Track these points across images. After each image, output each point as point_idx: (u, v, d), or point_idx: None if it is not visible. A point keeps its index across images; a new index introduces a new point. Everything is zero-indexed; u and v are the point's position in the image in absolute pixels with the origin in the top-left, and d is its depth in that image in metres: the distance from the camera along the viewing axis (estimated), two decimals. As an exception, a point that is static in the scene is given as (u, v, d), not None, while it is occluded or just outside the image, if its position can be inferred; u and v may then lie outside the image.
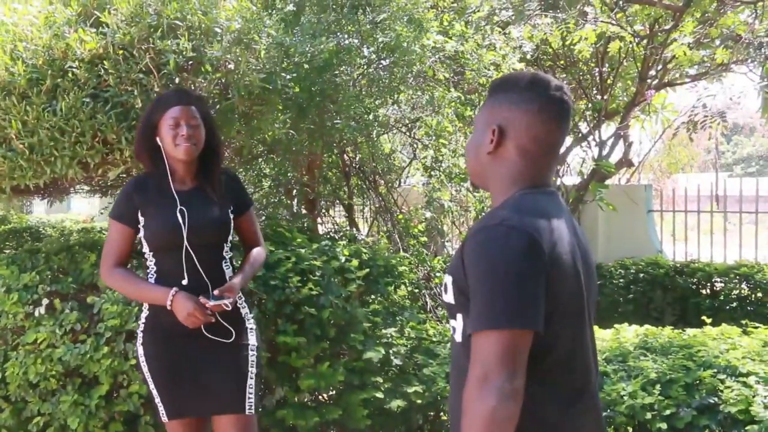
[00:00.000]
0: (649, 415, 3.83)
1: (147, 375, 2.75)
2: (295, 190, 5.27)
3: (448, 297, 1.62)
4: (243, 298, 2.82)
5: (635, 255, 7.26)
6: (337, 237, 4.80)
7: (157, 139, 2.72)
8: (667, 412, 3.84)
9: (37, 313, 3.44)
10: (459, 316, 1.61)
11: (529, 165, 1.64)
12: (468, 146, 1.76)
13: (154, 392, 2.75)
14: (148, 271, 2.77)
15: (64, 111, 3.12)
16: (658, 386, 3.91)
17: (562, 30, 5.22)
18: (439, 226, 5.16)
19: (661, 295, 6.97)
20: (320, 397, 3.92)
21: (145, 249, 2.76)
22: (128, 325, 3.43)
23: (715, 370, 4.01)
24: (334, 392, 3.86)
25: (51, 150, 3.14)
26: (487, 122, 1.67)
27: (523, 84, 1.65)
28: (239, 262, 2.96)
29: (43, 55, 3.16)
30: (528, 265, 1.48)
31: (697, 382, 3.96)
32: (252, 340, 2.81)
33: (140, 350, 2.77)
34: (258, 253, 2.95)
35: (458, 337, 1.63)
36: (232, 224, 2.82)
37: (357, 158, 5.32)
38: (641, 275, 7.00)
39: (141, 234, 2.74)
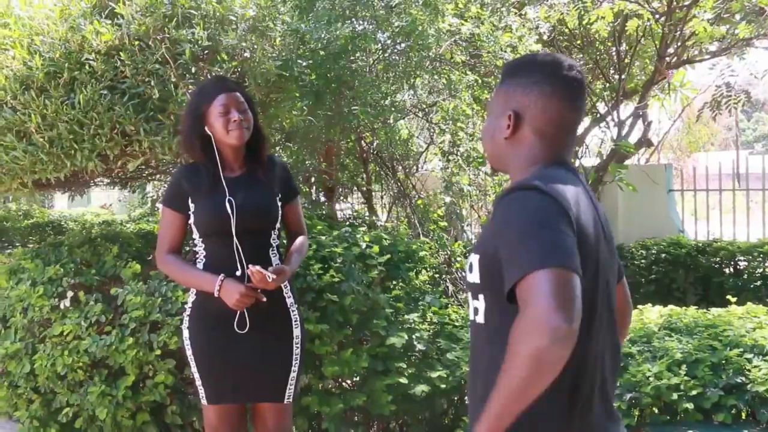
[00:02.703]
0: (675, 396, 3.80)
1: (191, 358, 2.79)
2: (313, 178, 5.26)
3: (473, 276, 1.59)
4: (289, 287, 2.82)
5: (656, 235, 7.20)
6: (356, 223, 4.79)
7: (206, 128, 2.73)
8: (694, 392, 3.81)
9: (62, 306, 3.47)
10: (482, 297, 1.58)
11: (547, 146, 1.64)
12: (484, 132, 1.76)
13: (196, 375, 2.79)
14: (197, 257, 2.79)
15: (83, 104, 3.12)
16: (684, 366, 3.88)
17: (579, 9, 5.15)
18: (458, 211, 5.13)
19: (684, 275, 6.92)
20: (344, 383, 3.92)
21: (195, 235, 2.79)
22: (152, 316, 3.45)
23: (742, 350, 3.97)
24: (357, 378, 3.86)
25: (70, 143, 3.16)
26: (502, 108, 1.67)
27: (535, 67, 1.65)
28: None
29: (59, 48, 3.17)
30: (558, 218, 1.46)
31: (724, 361, 3.92)
32: (297, 331, 2.82)
33: (185, 333, 2.80)
34: (303, 242, 2.96)
35: (480, 318, 1.60)
36: (280, 212, 2.83)
37: (374, 144, 5.30)
38: (663, 255, 6.95)
39: (191, 220, 2.76)
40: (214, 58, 3.33)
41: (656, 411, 3.87)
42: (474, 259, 1.60)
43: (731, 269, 6.83)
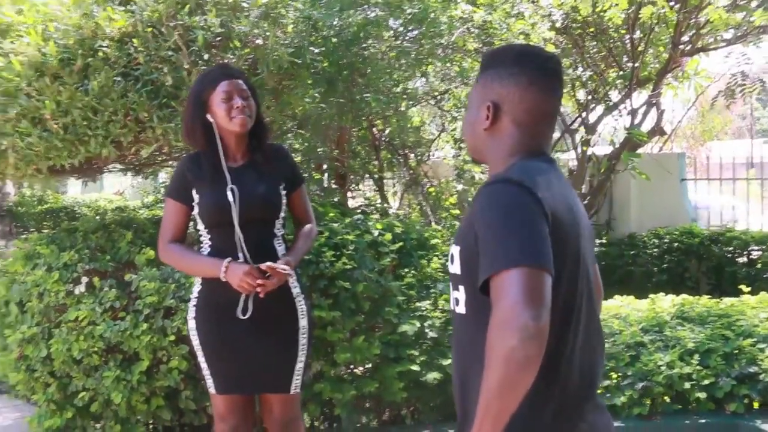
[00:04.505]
0: (687, 385, 3.81)
1: (198, 348, 2.79)
2: (325, 165, 5.26)
3: (454, 267, 1.61)
4: (295, 277, 2.80)
5: (669, 224, 7.17)
6: (368, 211, 4.79)
7: (208, 116, 2.71)
8: (706, 381, 3.82)
9: (77, 291, 3.50)
10: (462, 288, 1.60)
11: (525, 136, 1.64)
12: (465, 124, 1.77)
13: (204, 365, 2.78)
14: (202, 247, 2.79)
15: (96, 90, 3.14)
16: (696, 356, 3.88)
17: (593, -4, 5.11)
18: (470, 198, 5.12)
19: (696, 265, 6.89)
20: (356, 370, 3.94)
21: (200, 226, 2.78)
22: (166, 301, 3.47)
23: (755, 339, 3.97)
24: (369, 365, 3.87)
25: (85, 129, 3.17)
26: (481, 99, 1.67)
27: (512, 57, 1.66)
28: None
29: (73, 34, 3.17)
30: (534, 214, 1.47)
31: (737, 351, 3.92)
32: (303, 321, 2.80)
33: (191, 324, 2.79)
34: (309, 230, 2.93)
35: (461, 309, 1.61)
36: (284, 200, 2.81)
37: (386, 132, 5.29)
38: (675, 244, 6.92)
39: (196, 211, 2.75)
40: (226, 45, 3.33)
41: (668, 400, 3.87)
42: (455, 250, 1.61)
43: (745, 258, 6.79)
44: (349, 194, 5.88)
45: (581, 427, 1.57)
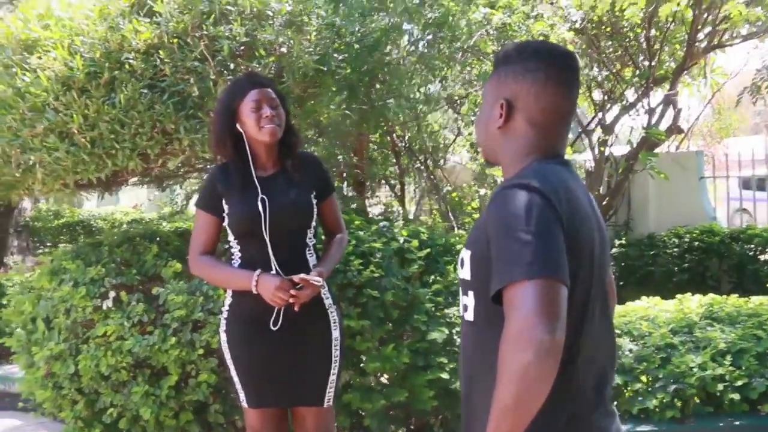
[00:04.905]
0: (720, 387, 3.76)
1: (229, 362, 2.76)
2: (344, 173, 5.23)
3: (464, 272, 1.57)
4: (326, 288, 2.77)
5: (688, 223, 7.11)
6: (391, 217, 4.76)
7: (237, 126, 2.68)
8: (739, 383, 3.76)
9: (105, 306, 3.47)
10: (471, 294, 1.56)
11: (540, 136, 1.60)
12: (477, 122, 1.72)
13: (236, 379, 2.76)
14: (233, 259, 2.75)
15: (123, 103, 3.12)
16: (728, 357, 3.83)
17: (613, -6, 5.06)
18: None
19: (717, 263, 6.83)
20: (383, 379, 3.90)
21: (230, 237, 2.75)
22: (194, 315, 3.44)
23: (789, 339, 3.91)
24: (397, 375, 3.83)
25: (112, 143, 3.15)
26: (494, 96, 1.63)
27: (527, 54, 1.61)
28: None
29: (99, 47, 3.16)
30: (550, 222, 1.42)
31: (770, 351, 3.86)
32: (335, 333, 2.77)
33: (223, 337, 2.77)
34: (341, 239, 2.91)
35: (469, 315, 1.57)
36: (315, 209, 2.77)
37: (406, 137, 5.26)
38: (696, 243, 6.86)
39: (226, 222, 2.72)
40: (251, 54, 3.31)
41: (700, 402, 3.82)
42: (465, 254, 1.57)
43: (766, 256, 6.73)
44: (366, 202, 5.85)
45: None
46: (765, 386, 3.73)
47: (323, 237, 3.01)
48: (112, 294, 3.49)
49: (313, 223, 2.78)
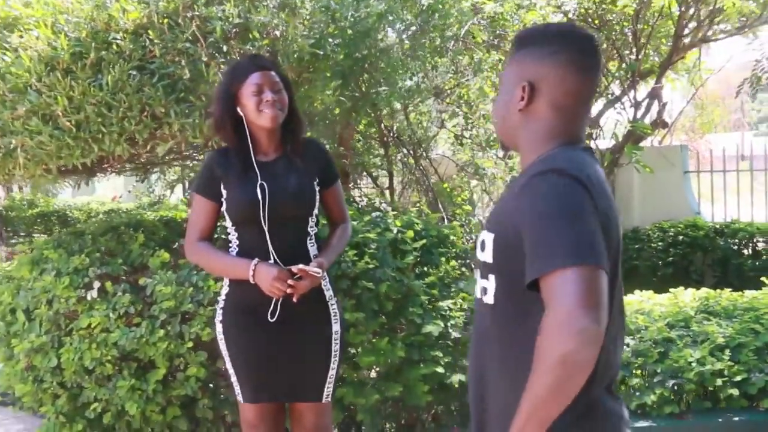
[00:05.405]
0: (719, 382, 3.71)
1: (225, 354, 2.66)
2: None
3: (485, 255, 1.54)
4: (327, 279, 2.67)
5: (673, 217, 7.12)
6: (382, 209, 4.66)
7: (238, 109, 2.57)
8: (738, 378, 3.72)
9: (89, 297, 3.34)
10: (492, 277, 1.53)
11: (562, 120, 1.56)
12: (496, 105, 1.69)
13: (231, 371, 2.66)
14: (230, 246, 2.65)
15: (110, 85, 2.98)
16: (727, 351, 3.79)
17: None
18: (485, 193, 5.01)
19: (702, 257, 6.84)
20: (377, 372, 3.81)
21: (228, 223, 2.65)
22: (183, 306, 3.32)
23: (786, 333, 3.88)
24: (391, 369, 3.74)
25: (98, 126, 3.02)
26: (515, 79, 1.59)
27: (551, 36, 1.58)
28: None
29: (85, 27, 3.02)
30: (588, 209, 1.40)
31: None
32: (336, 326, 2.68)
33: (219, 327, 2.66)
34: (344, 229, 2.80)
35: (489, 299, 1.54)
36: (318, 197, 2.67)
37: (394, 127, 5.16)
38: (680, 237, 6.87)
39: (224, 207, 2.62)
40: (245, 37, 3.19)
41: (698, 398, 3.77)
42: (488, 237, 1.54)
43: (749, 251, 6.75)
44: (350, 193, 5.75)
45: (611, 417, 1.53)
46: (764, 381, 3.70)
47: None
48: (96, 284, 3.36)
49: (315, 212, 2.67)
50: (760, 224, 6.82)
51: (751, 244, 6.76)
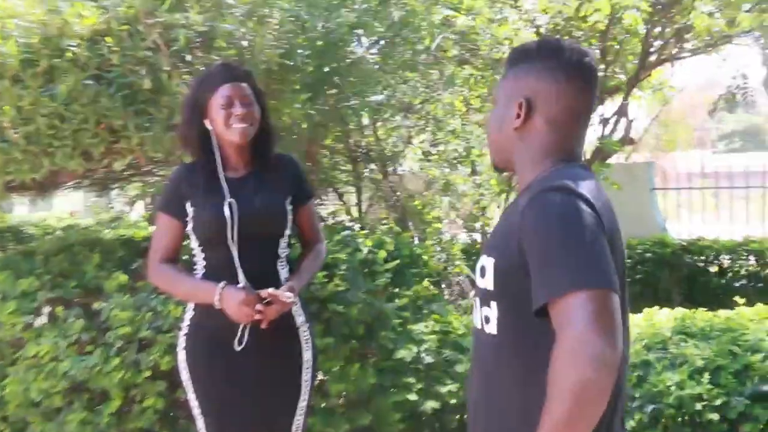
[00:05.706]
0: (699, 406, 3.62)
1: (188, 384, 2.48)
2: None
3: (485, 282, 1.49)
4: (299, 304, 2.51)
5: (640, 234, 7.11)
6: (353, 227, 4.51)
7: (206, 122, 2.42)
8: (718, 401, 3.63)
9: (37, 323, 3.12)
10: (494, 305, 1.48)
11: (560, 137, 1.54)
12: (490, 123, 1.64)
13: (195, 403, 2.48)
14: (195, 268, 2.48)
15: (64, 95, 2.81)
16: (706, 374, 3.70)
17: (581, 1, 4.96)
18: (457, 210, 4.89)
19: (668, 275, 6.82)
20: (346, 400, 3.63)
21: (194, 244, 2.49)
22: (140, 333, 3.12)
23: (764, 354, 3.81)
24: (362, 396, 3.58)
25: (50, 139, 2.84)
26: (511, 96, 1.57)
27: (548, 52, 1.56)
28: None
29: (37, 32, 2.84)
30: (596, 229, 1.37)
31: (747, 368, 3.75)
32: (307, 355, 2.52)
33: (181, 355, 2.49)
34: (318, 250, 2.65)
35: (491, 328, 1.49)
36: (290, 216, 2.50)
37: (363, 143, 5.02)
38: (648, 255, 6.84)
39: (189, 227, 2.46)
40: (210, 45, 3.02)
41: (679, 423, 3.67)
42: (488, 262, 1.49)
43: (715, 268, 6.76)
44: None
45: None
46: (744, 405, 3.61)
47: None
48: (46, 309, 3.15)
49: (287, 231, 2.52)
50: (725, 241, 6.84)
51: (716, 262, 6.76)
